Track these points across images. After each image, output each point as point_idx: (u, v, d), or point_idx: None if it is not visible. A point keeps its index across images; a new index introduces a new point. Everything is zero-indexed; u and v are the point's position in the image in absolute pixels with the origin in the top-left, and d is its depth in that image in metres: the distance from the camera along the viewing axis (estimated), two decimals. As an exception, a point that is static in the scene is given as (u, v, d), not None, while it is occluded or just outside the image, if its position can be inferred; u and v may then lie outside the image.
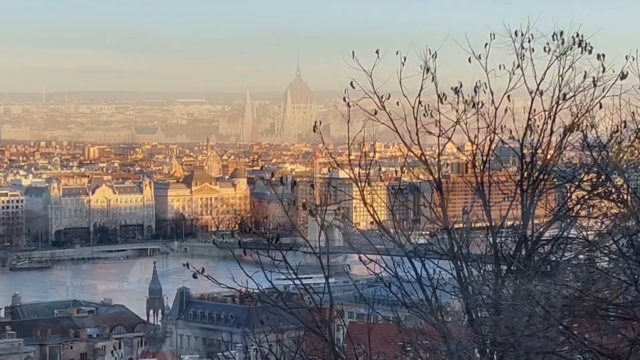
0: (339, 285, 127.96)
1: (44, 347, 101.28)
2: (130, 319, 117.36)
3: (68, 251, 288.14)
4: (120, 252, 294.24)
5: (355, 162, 12.66)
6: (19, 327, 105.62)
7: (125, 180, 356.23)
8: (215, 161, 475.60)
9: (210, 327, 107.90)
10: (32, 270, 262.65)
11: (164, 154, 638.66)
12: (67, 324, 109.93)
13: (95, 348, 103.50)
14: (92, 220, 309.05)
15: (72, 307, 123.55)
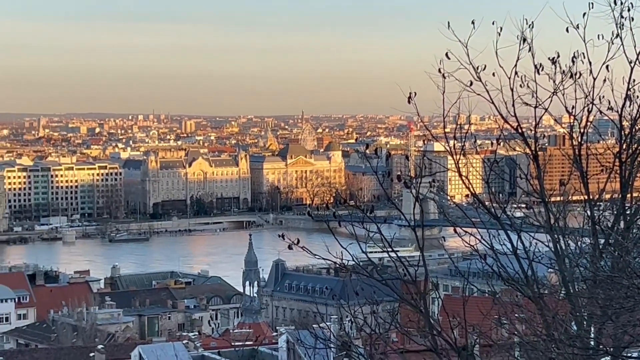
0: (434, 258, 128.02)
1: (143, 317, 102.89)
2: (227, 291, 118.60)
3: (165, 223, 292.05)
4: (217, 225, 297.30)
5: (450, 134, 12.57)
6: (118, 297, 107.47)
7: (221, 153, 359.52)
8: (310, 134, 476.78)
9: (305, 299, 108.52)
10: (130, 242, 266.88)
11: (259, 127, 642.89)
12: (165, 295, 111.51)
13: (192, 319, 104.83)
14: (188, 193, 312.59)
15: (170, 279, 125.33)
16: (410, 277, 12.19)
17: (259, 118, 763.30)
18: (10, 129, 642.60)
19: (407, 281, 12.20)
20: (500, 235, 12.71)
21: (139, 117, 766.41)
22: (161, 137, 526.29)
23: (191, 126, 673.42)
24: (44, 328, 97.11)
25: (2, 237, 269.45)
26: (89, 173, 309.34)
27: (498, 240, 12.70)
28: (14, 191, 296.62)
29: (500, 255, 12.71)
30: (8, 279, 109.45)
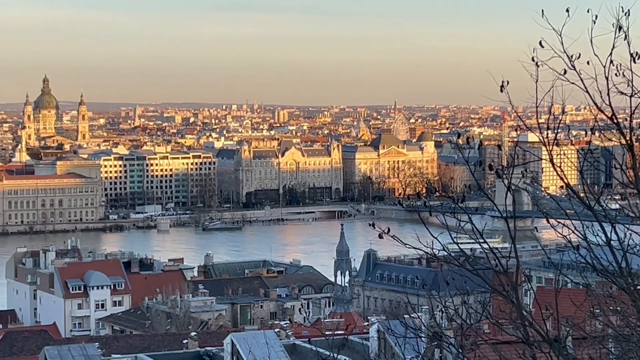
0: (527, 249, 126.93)
1: (235, 305, 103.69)
2: (318, 280, 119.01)
3: (258, 212, 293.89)
4: (309, 214, 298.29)
5: (544, 124, 12.43)
6: (211, 285, 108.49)
7: (313, 143, 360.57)
8: (402, 124, 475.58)
9: (396, 289, 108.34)
10: (223, 231, 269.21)
11: (352, 117, 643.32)
12: (257, 284, 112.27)
13: (284, 308, 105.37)
14: (281, 182, 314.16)
15: (262, 268, 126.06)
16: (502, 268, 12.11)
17: (351, 108, 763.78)
18: (106, 119, 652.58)
19: (499, 272, 12.12)
20: (594, 226, 12.55)
21: (232, 107, 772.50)
22: (254, 127, 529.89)
23: (284, 116, 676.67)
24: (139, 315, 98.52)
25: (99, 225, 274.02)
26: (184, 162, 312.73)
27: (592, 232, 12.55)
28: (110, 180, 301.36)
29: (594, 247, 12.55)
30: (104, 266, 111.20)
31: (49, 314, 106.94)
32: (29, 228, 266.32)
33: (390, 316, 69.91)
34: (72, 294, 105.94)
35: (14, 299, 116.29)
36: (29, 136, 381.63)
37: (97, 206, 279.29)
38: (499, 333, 12.96)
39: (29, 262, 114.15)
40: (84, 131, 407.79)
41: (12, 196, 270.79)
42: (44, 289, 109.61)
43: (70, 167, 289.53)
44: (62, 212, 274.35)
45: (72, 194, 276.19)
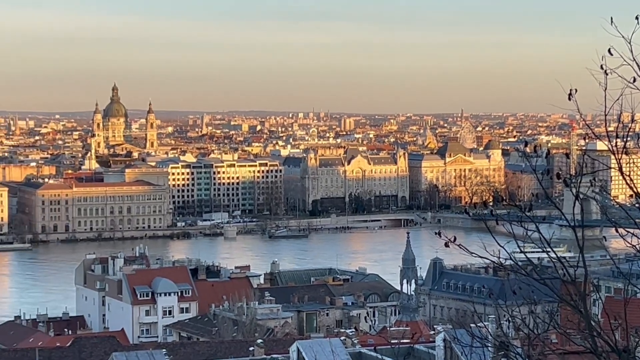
0: (596, 259, 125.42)
1: (301, 313, 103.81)
2: (384, 288, 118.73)
3: (324, 220, 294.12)
4: (375, 222, 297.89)
5: (613, 133, 12.32)
6: (278, 293, 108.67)
7: (379, 151, 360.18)
8: (469, 132, 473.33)
9: (463, 298, 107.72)
10: (289, 239, 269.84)
11: (418, 125, 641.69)
12: (323, 292, 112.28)
13: (350, 316, 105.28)
14: (347, 190, 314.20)
15: (328, 275, 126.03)
16: (570, 277, 12.01)
17: (418, 116, 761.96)
18: (174, 127, 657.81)
19: (567, 281, 12.02)
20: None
21: (299, 115, 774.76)
22: (321, 135, 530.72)
23: (350, 124, 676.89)
24: (206, 322, 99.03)
25: (166, 232, 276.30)
26: (250, 170, 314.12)
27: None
28: (177, 187, 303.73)
29: (664, 257, 12.39)
30: (171, 273, 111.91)
31: (117, 320, 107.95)
32: (98, 235, 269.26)
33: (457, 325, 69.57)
34: (140, 301, 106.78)
35: (83, 305, 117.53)
36: (98, 144, 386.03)
37: (164, 213, 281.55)
38: (567, 343, 12.86)
39: (98, 269, 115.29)
40: (152, 139, 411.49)
41: (82, 203, 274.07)
42: (112, 295, 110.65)
43: (138, 175, 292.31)
44: (131, 219, 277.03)
45: (140, 201, 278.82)
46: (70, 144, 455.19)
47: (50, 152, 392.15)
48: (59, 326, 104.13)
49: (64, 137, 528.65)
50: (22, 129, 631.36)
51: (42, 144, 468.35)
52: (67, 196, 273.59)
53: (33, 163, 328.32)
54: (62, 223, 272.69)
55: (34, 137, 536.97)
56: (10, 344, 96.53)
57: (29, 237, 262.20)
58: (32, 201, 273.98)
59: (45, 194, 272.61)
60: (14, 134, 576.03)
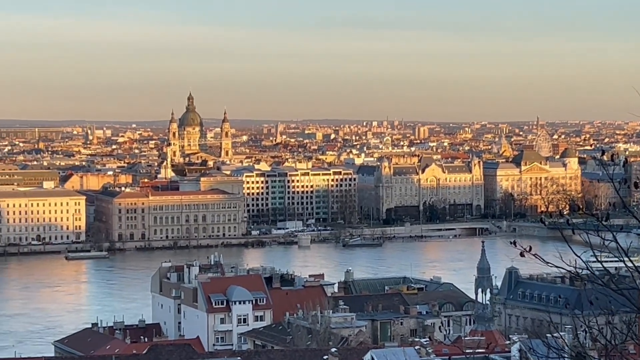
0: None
1: (375, 322, 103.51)
2: (459, 297, 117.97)
3: (398, 229, 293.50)
4: (449, 231, 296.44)
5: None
6: (351, 302, 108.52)
7: (454, 159, 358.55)
8: (545, 140, 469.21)
9: (539, 308, 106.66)
10: (363, 247, 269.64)
11: (493, 133, 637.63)
12: (397, 301, 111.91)
13: (425, 325, 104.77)
14: (421, 199, 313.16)
15: (402, 284, 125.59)
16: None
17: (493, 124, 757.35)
18: (249, 135, 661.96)
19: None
20: None
21: (373, 124, 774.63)
22: (395, 143, 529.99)
23: (424, 132, 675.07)
24: (280, 330, 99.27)
25: (241, 241, 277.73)
26: (324, 178, 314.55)
27: None
28: (252, 196, 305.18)
29: None
30: (246, 282, 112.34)
31: (192, 328, 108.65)
32: (174, 243, 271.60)
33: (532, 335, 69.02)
34: (215, 309, 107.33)
35: (158, 312, 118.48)
36: (174, 153, 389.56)
37: (239, 222, 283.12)
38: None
39: (174, 277, 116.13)
40: (227, 148, 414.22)
41: (158, 212, 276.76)
42: (187, 303, 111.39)
43: (213, 184, 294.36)
44: (206, 227, 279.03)
45: (215, 209, 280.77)
46: (147, 153, 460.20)
47: (126, 161, 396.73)
48: (135, 334, 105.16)
49: (141, 146, 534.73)
50: (99, 138, 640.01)
51: (119, 153, 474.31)
52: (143, 205, 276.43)
53: (110, 172, 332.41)
54: (139, 231, 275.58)
55: (111, 146, 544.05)
56: (87, 351, 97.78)
57: (106, 245, 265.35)
58: (109, 210, 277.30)
59: (122, 202, 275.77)
60: (92, 143, 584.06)
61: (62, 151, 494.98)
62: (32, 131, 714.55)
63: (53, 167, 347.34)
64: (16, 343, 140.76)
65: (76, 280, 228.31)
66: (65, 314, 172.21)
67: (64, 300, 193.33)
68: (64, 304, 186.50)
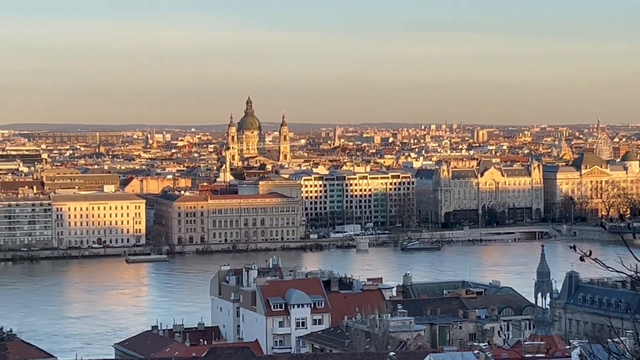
0: None
1: (434, 326, 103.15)
2: (519, 302, 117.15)
3: (457, 232, 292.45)
4: (508, 235, 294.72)
5: None
6: (410, 305, 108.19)
7: (513, 162, 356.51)
8: (605, 144, 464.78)
9: (599, 312, 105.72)
10: (422, 251, 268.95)
11: (552, 137, 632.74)
12: (456, 305, 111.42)
13: (484, 329, 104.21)
14: (480, 203, 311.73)
15: (461, 288, 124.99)
16: None
17: (552, 127, 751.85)
18: (307, 139, 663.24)
19: None
20: None
21: (431, 127, 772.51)
22: (453, 147, 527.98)
23: (483, 135, 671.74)
24: (338, 333, 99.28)
25: (299, 244, 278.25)
26: (382, 182, 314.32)
27: None
28: (310, 199, 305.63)
29: None
30: (304, 285, 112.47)
31: (251, 331, 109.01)
32: (232, 246, 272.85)
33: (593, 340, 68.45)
34: (274, 312, 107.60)
35: (217, 315, 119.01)
36: (232, 157, 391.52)
37: (297, 225, 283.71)
38: None
39: (232, 280, 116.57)
40: (285, 151, 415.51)
41: (216, 215, 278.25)
42: (246, 306, 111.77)
43: (272, 187, 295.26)
44: (264, 231, 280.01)
45: (273, 213, 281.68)
46: (206, 157, 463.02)
47: (186, 165, 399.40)
48: (194, 336, 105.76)
49: (200, 149, 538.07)
50: (159, 142, 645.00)
51: (179, 156, 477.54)
52: (202, 208, 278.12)
53: (170, 176, 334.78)
54: (198, 234, 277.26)
55: (171, 150, 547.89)
56: (147, 354, 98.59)
57: (166, 249, 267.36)
58: (168, 213, 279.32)
59: (181, 206, 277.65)
60: (152, 147, 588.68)
61: (122, 155, 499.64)
62: (93, 135, 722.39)
63: (114, 171, 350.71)
64: (84, 345, 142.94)
65: (136, 283, 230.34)
66: (126, 316, 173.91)
67: (125, 303, 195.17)
68: (125, 307, 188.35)
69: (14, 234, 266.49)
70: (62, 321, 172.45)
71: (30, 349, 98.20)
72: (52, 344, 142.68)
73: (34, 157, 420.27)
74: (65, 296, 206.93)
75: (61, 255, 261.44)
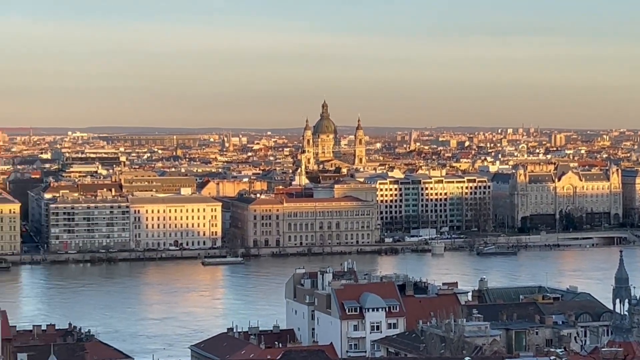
0: None
1: (510, 331, 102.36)
2: (596, 308, 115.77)
3: (533, 237, 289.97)
4: (586, 240, 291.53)
5: None
6: (486, 310, 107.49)
7: (591, 167, 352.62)
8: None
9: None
10: (498, 255, 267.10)
11: (632, 141, 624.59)
12: (533, 310, 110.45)
13: (560, 335, 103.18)
14: (557, 207, 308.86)
15: (538, 294, 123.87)
16: None
17: (632, 131, 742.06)
18: (383, 142, 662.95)
19: None
20: None
21: (508, 131, 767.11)
22: (530, 151, 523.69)
23: (561, 140, 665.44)
24: (413, 338, 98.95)
25: (374, 248, 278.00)
26: (458, 186, 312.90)
27: None
28: (385, 203, 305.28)
29: None
30: (379, 289, 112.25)
31: (325, 334, 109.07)
32: (307, 250, 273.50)
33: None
34: (348, 315, 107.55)
35: (292, 318, 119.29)
36: (308, 160, 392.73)
37: (372, 229, 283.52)
38: None
39: (307, 283, 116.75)
40: (360, 155, 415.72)
41: (292, 218, 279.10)
42: (321, 309, 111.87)
43: (347, 191, 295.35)
44: (339, 234, 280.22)
45: (348, 216, 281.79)
46: (281, 160, 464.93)
47: (262, 168, 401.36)
48: (269, 339, 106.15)
49: (275, 153, 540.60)
50: (235, 146, 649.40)
51: (255, 160, 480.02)
52: (277, 211, 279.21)
53: (245, 179, 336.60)
54: (273, 237, 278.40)
55: (247, 154, 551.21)
56: (222, 356, 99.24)
57: (241, 251, 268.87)
58: (244, 216, 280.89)
59: (257, 209, 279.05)
60: (228, 151, 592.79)
61: (199, 158, 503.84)
62: (171, 138, 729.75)
63: (190, 174, 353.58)
64: (166, 346, 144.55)
65: (213, 285, 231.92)
66: (205, 318, 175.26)
67: (204, 305, 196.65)
68: (204, 309, 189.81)
69: (93, 235, 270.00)
70: (144, 322, 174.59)
71: (107, 350, 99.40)
72: (135, 344, 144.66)
73: (113, 159, 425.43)
74: (145, 298, 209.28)
75: (138, 257, 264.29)
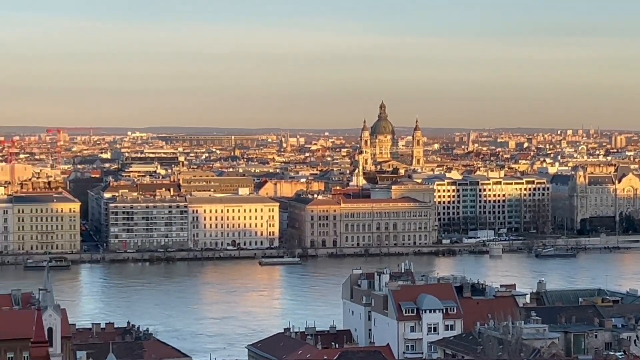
0: None
1: (568, 334, 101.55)
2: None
3: (593, 239, 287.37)
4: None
5: None
6: (544, 313, 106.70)
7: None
8: None
9: None
10: (556, 258, 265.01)
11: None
12: (592, 313, 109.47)
13: (620, 338, 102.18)
14: (617, 209, 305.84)
15: (597, 296, 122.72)
16: None
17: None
18: (441, 144, 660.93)
19: None
20: None
21: (567, 132, 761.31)
22: (590, 152, 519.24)
23: (621, 141, 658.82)
24: (470, 340, 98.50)
25: (432, 249, 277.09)
26: (517, 187, 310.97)
27: None
28: (443, 204, 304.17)
29: None
30: (436, 290, 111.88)
31: (382, 335, 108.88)
32: (365, 250, 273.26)
33: None
34: (405, 317, 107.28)
35: (349, 319, 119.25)
36: (365, 161, 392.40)
37: (430, 230, 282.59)
38: None
39: (364, 284, 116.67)
40: (418, 156, 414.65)
41: (349, 219, 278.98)
42: (378, 310, 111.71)
43: (404, 192, 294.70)
44: (396, 235, 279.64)
45: (406, 217, 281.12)
46: (339, 161, 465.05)
47: (319, 169, 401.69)
48: (326, 339, 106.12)
49: (333, 153, 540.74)
50: (293, 146, 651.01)
51: (312, 160, 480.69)
52: (335, 212, 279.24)
53: (303, 179, 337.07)
54: (330, 238, 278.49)
55: (304, 154, 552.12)
56: (279, 356, 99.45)
57: (299, 252, 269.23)
58: (301, 216, 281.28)
59: (314, 209, 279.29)
60: (286, 151, 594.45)
61: (257, 158, 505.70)
62: (229, 139, 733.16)
63: (248, 174, 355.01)
64: (227, 345, 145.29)
65: (270, 285, 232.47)
66: (264, 318, 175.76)
67: (263, 304, 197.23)
68: (263, 309, 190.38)
69: (151, 235, 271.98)
70: (204, 321, 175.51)
71: (165, 348, 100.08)
72: (195, 343, 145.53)
73: (171, 159, 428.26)
74: (205, 297, 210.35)
75: (196, 256, 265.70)
